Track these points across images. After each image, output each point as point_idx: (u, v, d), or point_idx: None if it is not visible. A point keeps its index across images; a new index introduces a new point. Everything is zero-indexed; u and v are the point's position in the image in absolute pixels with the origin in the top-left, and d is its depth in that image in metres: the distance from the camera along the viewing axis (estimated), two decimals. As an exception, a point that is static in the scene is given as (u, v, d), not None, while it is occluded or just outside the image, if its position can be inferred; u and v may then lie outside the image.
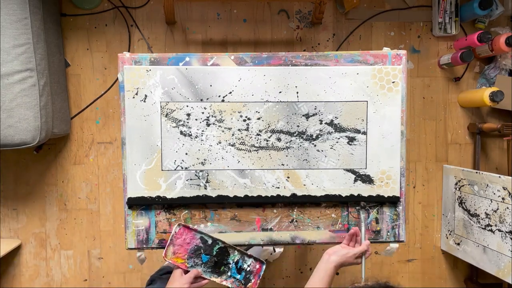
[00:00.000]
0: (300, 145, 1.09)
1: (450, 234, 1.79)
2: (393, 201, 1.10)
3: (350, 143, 1.09)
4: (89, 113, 1.78)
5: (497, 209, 1.52)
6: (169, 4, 1.58)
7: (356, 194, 1.10)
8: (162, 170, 1.07)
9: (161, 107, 1.07)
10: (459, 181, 1.73)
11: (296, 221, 1.11)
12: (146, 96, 1.06)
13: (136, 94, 1.06)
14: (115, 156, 1.79)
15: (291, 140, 1.09)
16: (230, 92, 1.07)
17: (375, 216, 1.12)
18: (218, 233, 1.10)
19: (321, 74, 1.08)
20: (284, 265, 1.86)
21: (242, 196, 1.09)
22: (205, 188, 1.08)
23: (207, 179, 1.08)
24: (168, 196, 1.08)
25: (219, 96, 1.07)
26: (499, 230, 1.52)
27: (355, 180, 1.10)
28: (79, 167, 1.79)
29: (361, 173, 1.09)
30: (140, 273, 1.82)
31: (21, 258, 1.79)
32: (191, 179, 1.08)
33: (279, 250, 1.23)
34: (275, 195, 1.09)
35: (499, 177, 1.51)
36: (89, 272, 1.81)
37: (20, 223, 1.78)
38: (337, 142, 1.09)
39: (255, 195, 1.09)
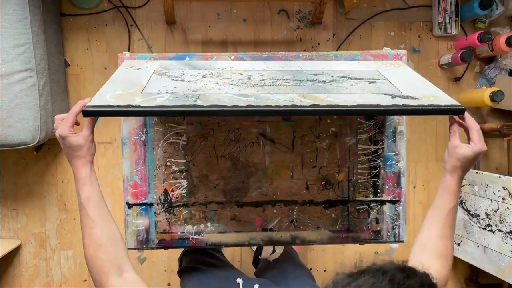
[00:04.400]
0: (314, 83, 0.88)
1: (450, 234, 1.79)
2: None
3: (371, 83, 0.89)
4: (89, 113, 1.77)
5: (497, 209, 1.52)
6: (169, 4, 1.58)
7: (400, 105, 0.78)
8: (141, 93, 0.82)
9: (154, 71, 0.95)
10: (459, 181, 1.72)
11: (296, 221, 1.11)
12: (140, 68, 0.99)
13: (131, 67, 0.99)
14: (115, 156, 1.79)
15: (301, 81, 0.90)
16: (230, 67, 1.01)
17: (375, 216, 1.12)
18: (218, 233, 1.10)
19: (321, 64, 1.04)
20: (284, 265, 1.86)
21: (245, 105, 0.76)
22: (195, 102, 0.77)
23: (198, 97, 0.80)
24: (143, 105, 0.76)
25: (218, 68, 1.00)
26: (499, 230, 1.52)
27: (393, 97, 0.82)
28: (79, 167, 1.78)
29: (397, 95, 0.83)
30: (140, 273, 1.81)
31: (21, 258, 1.79)
32: (176, 97, 0.80)
33: (279, 250, 1.22)
34: (289, 105, 0.76)
35: (499, 177, 1.51)
36: (89, 272, 1.81)
37: (20, 223, 1.78)
38: (356, 84, 0.89)
39: (261, 104, 0.76)
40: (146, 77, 0.91)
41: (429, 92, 0.85)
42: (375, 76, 0.93)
